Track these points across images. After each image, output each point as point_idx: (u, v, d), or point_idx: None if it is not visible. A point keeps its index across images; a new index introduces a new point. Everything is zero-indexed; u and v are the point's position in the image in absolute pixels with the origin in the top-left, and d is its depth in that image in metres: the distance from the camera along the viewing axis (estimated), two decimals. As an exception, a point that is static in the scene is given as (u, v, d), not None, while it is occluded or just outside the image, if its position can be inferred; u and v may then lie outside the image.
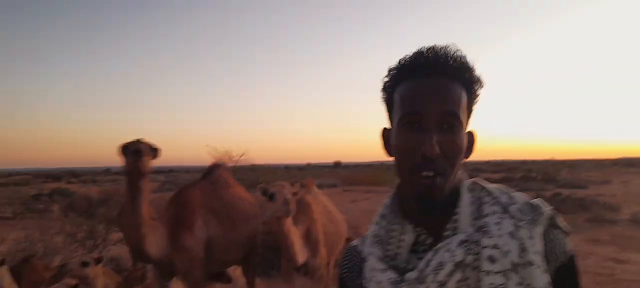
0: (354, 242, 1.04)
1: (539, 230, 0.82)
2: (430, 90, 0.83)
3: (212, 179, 4.12)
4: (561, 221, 0.87)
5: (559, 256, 0.83)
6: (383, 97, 0.94)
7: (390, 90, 0.91)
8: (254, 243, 4.18)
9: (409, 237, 0.89)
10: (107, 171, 58.23)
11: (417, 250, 0.88)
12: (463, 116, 0.86)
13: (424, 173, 0.81)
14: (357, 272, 0.97)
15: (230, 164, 9.43)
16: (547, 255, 0.82)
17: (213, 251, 3.77)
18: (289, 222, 3.60)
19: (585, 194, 17.15)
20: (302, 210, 4.64)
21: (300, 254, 3.76)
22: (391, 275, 0.84)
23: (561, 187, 21.55)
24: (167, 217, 3.66)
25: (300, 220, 4.37)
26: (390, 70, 0.91)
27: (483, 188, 0.91)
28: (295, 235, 3.71)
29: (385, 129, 0.97)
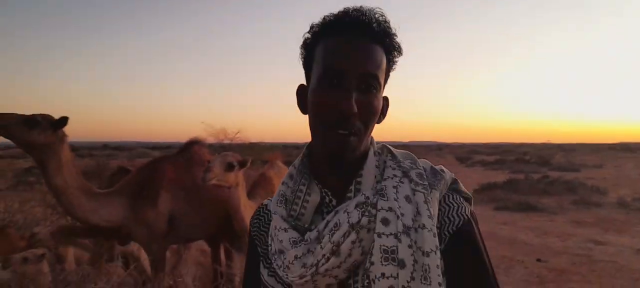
0: (266, 201, 1.05)
1: (435, 194, 0.84)
2: (353, 48, 0.83)
3: (187, 155, 4.12)
4: (462, 186, 0.91)
5: (453, 219, 0.85)
6: (302, 54, 0.93)
7: (311, 46, 0.90)
8: (226, 222, 4.19)
9: (314, 198, 0.89)
10: (105, 146, 58.34)
11: (323, 211, 0.89)
12: (381, 79, 0.87)
13: (340, 131, 0.82)
14: (265, 230, 0.99)
15: (226, 141, 9.38)
16: (443, 219, 0.85)
17: (176, 226, 3.78)
18: (236, 191, 3.66)
19: (575, 177, 17.33)
20: (262, 184, 4.70)
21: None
22: (293, 234, 0.85)
23: (553, 170, 21.73)
24: (128, 187, 3.68)
25: (258, 194, 4.41)
26: (312, 27, 0.90)
27: (390, 152, 0.93)
28: (243, 204, 3.76)
29: (301, 86, 0.96)
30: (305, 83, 0.95)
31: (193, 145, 4.22)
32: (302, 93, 0.95)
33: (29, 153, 3.17)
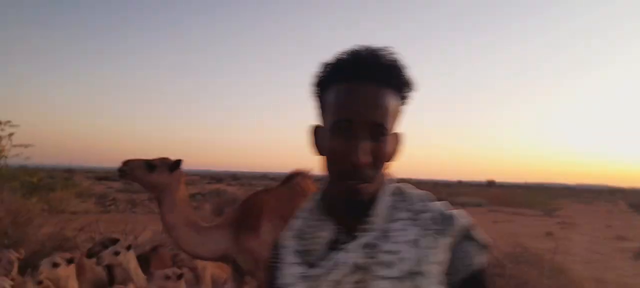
0: (284, 232, 1.02)
1: (445, 240, 0.82)
2: (362, 98, 0.84)
3: (290, 185, 4.27)
4: (478, 234, 0.87)
5: (463, 269, 0.83)
6: (315, 93, 0.93)
7: (322, 88, 0.91)
8: None
9: (327, 234, 0.89)
10: (264, 176, 64.07)
11: (336, 248, 0.87)
12: (391, 123, 0.87)
13: (350, 181, 0.83)
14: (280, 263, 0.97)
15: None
16: (453, 267, 0.82)
17: None
18: None
19: None
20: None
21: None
22: (301, 269, 0.86)
23: None
24: (232, 218, 3.93)
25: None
26: (325, 67, 0.90)
27: (403, 193, 0.93)
28: None
29: (316, 127, 0.96)
30: (318, 123, 0.95)
31: (296, 176, 4.36)
32: (315, 134, 0.96)
33: (149, 191, 3.65)
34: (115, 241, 4.33)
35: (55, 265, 3.45)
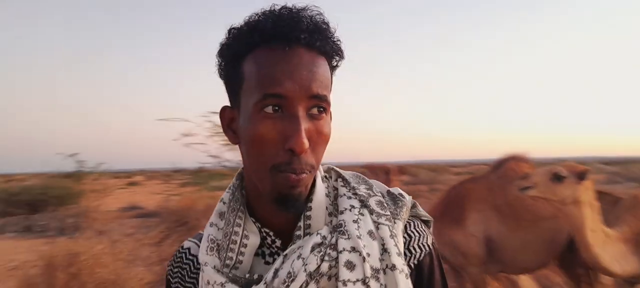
0: (186, 243, 0.87)
1: (400, 226, 0.75)
2: (297, 66, 0.67)
3: (501, 173, 3.79)
4: (421, 210, 0.82)
5: (417, 249, 0.77)
6: (222, 67, 0.75)
7: (235, 58, 0.73)
8: (568, 250, 3.50)
9: (253, 240, 0.75)
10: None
11: (263, 253, 0.76)
12: (330, 96, 0.72)
13: (290, 173, 0.67)
14: (193, 281, 0.82)
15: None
16: (408, 250, 0.76)
17: (495, 251, 3.51)
18: (576, 210, 2.88)
19: None
20: (630, 207, 3.49)
21: (612, 261, 2.91)
22: None
23: None
24: (435, 209, 3.73)
25: (625, 220, 3.32)
26: (232, 32, 0.73)
27: (339, 176, 0.81)
28: (590, 228, 2.91)
29: (225, 108, 0.78)
30: (229, 104, 0.77)
31: (509, 161, 3.84)
32: (227, 117, 0.78)
33: None
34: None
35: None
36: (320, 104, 0.69)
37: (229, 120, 0.77)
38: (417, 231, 0.78)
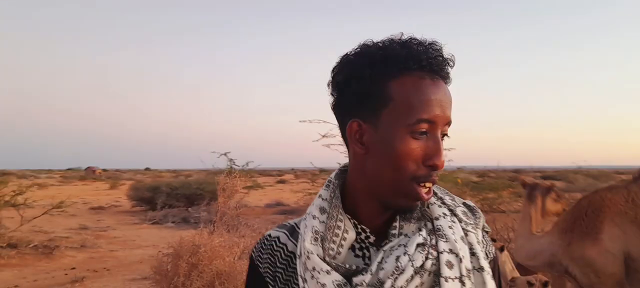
0: (274, 232, 0.93)
1: (480, 234, 0.84)
2: (443, 96, 0.79)
3: (644, 183, 3.25)
4: (485, 221, 0.89)
5: (490, 254, 0.86)
6: (363, 84, 0.80)
7: (381, 79, 0.79)
8: None
9: (351, 235, 0.82)
10: None
11: (354, 247, 0.83)
12: None
13: (427, 184, 0.79)
14: (283, 267, 0.88)
15: None
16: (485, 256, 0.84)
17: (636, 271, 3.03)
18: None
19: None
20: None
21: None
22: (336, 277, 0.77)
23: None
24: (563, 223, 3.37)
25: None
26: (379, 54, 0.79)
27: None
28: None
29: (354, 121, 0.82)
30: (358, 119, 0.82)
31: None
32: (356, 130, 0.83)
33: None
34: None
35: (530, 284, 3.29)
36: (447, 130, 0.82)
37: (359, 134, 0.83)
38: (484, 240, 0.86)
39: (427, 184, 0.79)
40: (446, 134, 0.82)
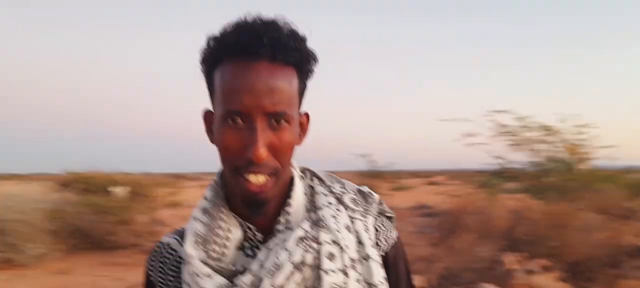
0: (166, 238, 0.89)
1: (371, 220, 0.84)
2: (254, 83, 0.71)
3: None
4: (386, 207, 0.90)
5: (383, 242, 0.85)
6: (202, 71, 0.79)
7: (210, 68, 0.77)
8: None
9: (236, 234, 0.80)
10: None
11: (244, 246, 0.81)
12: (293, 108, 0.76)
13: (251, 176, 0.72)
14: (173, 273, 0.85)
15: None
16: (377, 243, 0.84)
17: None
18: None
19: None
20: None
21: None
22: (219, 279, 0.75)
23: None
24: None
25: None
26: (209, 42, 0.76)
27: (314, 175, 0.90)
28: None
29: (208, 112, 0.83)
30: (211, 106, 0.81)
31: None
32: (208, 120, 0.83)
33: None
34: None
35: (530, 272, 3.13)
36: (279, 119, 0.73)
37: (210, 123, 0.82)
38: (383, 226, 0.86)
39: (252, 176, 0.72)
40: (278, 122, 0.73)
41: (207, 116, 0.84)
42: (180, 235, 0.87)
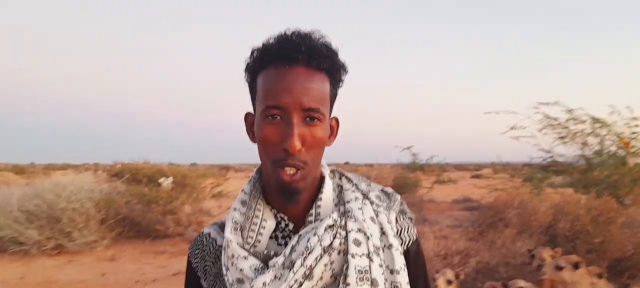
0: (206, 229, 1.00)
1: (393, 215, 0.91)
2: (292, 83, 0.82)
3: None
4: (407, 208, 0.96)
5: (406, 239, 0.92)
6: (246, 80, 0.91)
7: (253, 74, 0.89)
8: None
9: (270, 224, 0.89)
10: None
11: (277, 236, 0.90)
12: (325, 108, 0.86)
13: (287, 168, 0.82)
14: (212, 260, 0.95)
15: None
16: (400, 238, 0.91)
17: None
18: None
19: None
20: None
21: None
22: (253, 261, 0.84)
23: None
24: None
25: None
26: (253, 53, 0.88)
27: (343, 175, 0.97)
28: None
29: (249, 114, 0.94)
30: (252, 110, 0.93)
31: None
32: (249, 121, 0.94)
33: None
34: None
35: (559, 267, 3.15)
36: (313, 115, 0.83)
37: (251, 124, 0.93)
38: (405, 223, 0.94)
39: (287, 168, 0.82)
40: (312, 119, 0.83)
41: (249, 118, 0.94)
42: (220, 226, 0.98)
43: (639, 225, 5.29)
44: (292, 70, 0.82)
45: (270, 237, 0.89)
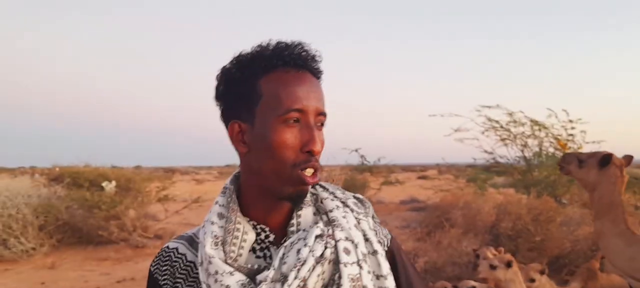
0: (172, 244, 0.96)
1: (370, 221, 0.92)
2: (310, 88, 0.85)
3: None
4: (374, 211, 0.99)
5: (383, 239, 0.94)
6: (237, 87, 0.86)
7: (251, 79, 0.85)
8: None
9: (250, 236, 0.87)
10: None
11: (255, 249, 0.88)
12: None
13: (308, 170, 0.83)
14: (183, 277, 0.91)
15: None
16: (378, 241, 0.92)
17: None
18: None
19: None
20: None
21: None
22: (240, 277, 0.82)
23: None
24: None
25: None
26: (244, 57, 0.86)
27: (318, 184, 0.96)
28: None
29: (235, 122, 0.88)
30: (238, 120, 0.87)
31: None
32: (237, 131, 0.88)
33: (585, 190, 3.28)
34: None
35: (493, 267, 3.19)
36: (322, 119, 0.87)
37: (239, 133, 0.88)
38: (378, 225, 0.96)
39: (309, 170, 0.83)
40: (321, 124, 0.87)
41: (236, 126, 0.88)
42: (188, 240, 0.95)
43: (576, 224, 5.54)
44: (305, 75, 0.85)
45: (249, 250, 0.87)
